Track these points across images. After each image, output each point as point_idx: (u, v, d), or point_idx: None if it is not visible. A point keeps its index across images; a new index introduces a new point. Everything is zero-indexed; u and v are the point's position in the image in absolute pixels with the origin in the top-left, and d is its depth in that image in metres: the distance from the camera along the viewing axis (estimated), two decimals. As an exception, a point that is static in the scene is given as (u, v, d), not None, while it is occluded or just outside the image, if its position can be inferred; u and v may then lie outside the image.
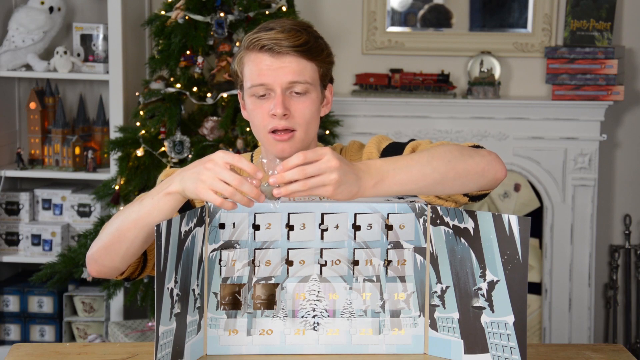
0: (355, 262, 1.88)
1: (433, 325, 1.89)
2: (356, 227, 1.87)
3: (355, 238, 1.88)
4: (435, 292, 1.88)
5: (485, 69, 4.19)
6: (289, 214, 1.86)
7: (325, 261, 1.87)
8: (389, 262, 1.88)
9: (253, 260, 1.86)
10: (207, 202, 1.85)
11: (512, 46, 4.26)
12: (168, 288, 1.74)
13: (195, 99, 3.79)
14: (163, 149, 3.74)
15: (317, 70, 2.02)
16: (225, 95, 3.75)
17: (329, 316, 1.89)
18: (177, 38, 3.72)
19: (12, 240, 4.21)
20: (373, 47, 4.30)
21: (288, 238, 1.86)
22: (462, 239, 1.83)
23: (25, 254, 4.19)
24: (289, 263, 1.87)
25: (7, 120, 4.29)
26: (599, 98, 4.09)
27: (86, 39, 4.14)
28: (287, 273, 1.87)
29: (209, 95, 3.78)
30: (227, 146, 3.70)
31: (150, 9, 4.29)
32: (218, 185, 1.71)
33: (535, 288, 4.24)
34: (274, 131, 1.99)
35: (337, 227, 1.87)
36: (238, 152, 3.66)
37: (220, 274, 1.86)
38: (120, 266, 1.93)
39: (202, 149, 3.71)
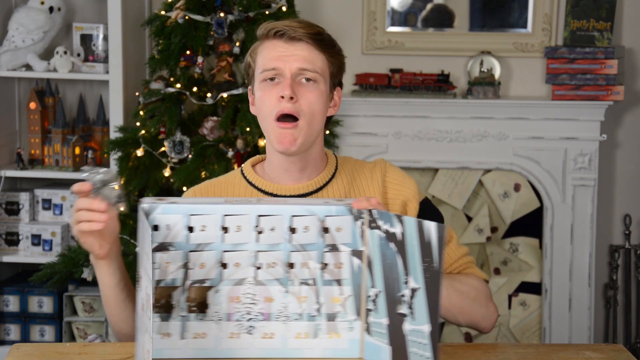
0: (291, 265, 1.84)
1: (368, 330, 1.86)
2: (292, 230, 1.84)
3: (291, 240, 1.84)
4: (370, 296, 1.84)
5: (485, 69, 4.19)
6: (224, 215, 1.82)
7: (261, 264, 1.84)
8: (326, 265, 1.85)
9: (187, 263, 1.83)
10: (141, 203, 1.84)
11: (512, 46, 4.26)
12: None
13: (195, 99, 3.78)
14: (163, 149, 3.74)
15: (327, 65, 2.07)
16: (225, 95, 3.75)
17: (264, 319, 1.85)
18: (177, 38, 3.72)
19: (12, 240, 4.21)
20: (373, 47, 4.30)
21: (223, 240, 1.83)
22: (391, 243, 1.79)
23: (25, 254, 4.19)
24: (224, 266, 1.83)
25: (7, 120, 4.29)
26: (599, 98, 4.09)
27: (86, 39, 4.14)
28: (222, 276, 1.83)
29: (209, 95, 3.78)
30: (227, 146, 3.70)
31: (150, 9, 4.28)
32: (79, 223, 1.91)
33: (535, 288, 4.24)
34: (279, 119, 2.02)
35: (273, 229, 1.83)
36: (238, 152, 3.67)
37: (153, 277, 1.82)
38: (130, 330, 2.01)
39: (202, 149, 3.71)
